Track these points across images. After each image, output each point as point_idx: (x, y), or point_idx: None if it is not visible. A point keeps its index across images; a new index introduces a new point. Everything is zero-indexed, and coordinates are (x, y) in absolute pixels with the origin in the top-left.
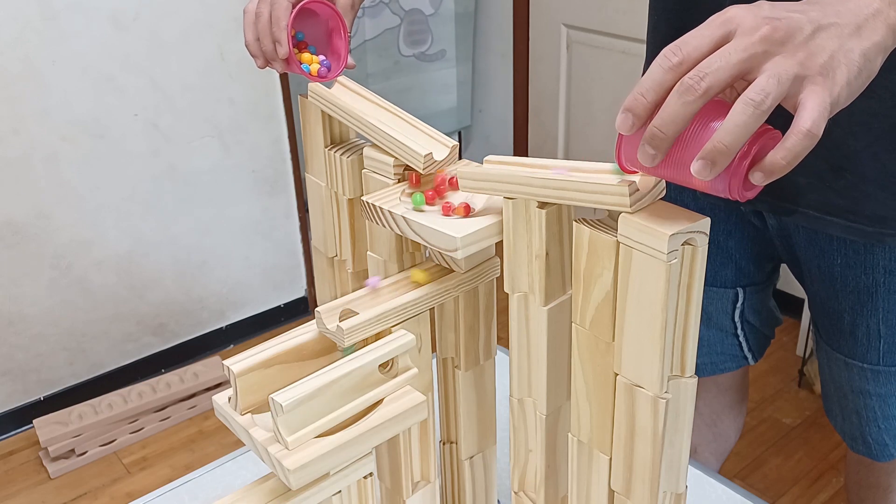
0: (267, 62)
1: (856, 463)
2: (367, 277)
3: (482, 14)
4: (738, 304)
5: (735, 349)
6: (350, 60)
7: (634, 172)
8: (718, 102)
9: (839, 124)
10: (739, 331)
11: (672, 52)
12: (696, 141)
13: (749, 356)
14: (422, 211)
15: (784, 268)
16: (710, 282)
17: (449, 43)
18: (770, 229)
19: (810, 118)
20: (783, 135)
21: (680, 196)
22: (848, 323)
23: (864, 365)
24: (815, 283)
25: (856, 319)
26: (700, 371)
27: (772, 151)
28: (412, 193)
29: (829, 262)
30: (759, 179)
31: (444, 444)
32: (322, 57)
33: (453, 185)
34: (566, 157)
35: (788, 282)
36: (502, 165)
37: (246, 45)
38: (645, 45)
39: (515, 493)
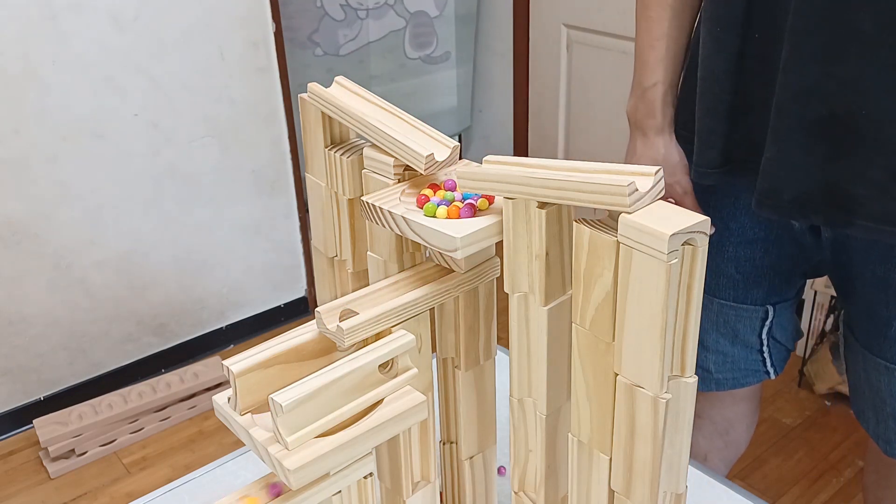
0: None
1: (876, 464)
2: (367, 277)
3: (483, 15)
4: (767, 322)
5: (758, 364)
6: None
7: None
8: None
9: None
10: (765, 347)
11: None
12: None
13: (771, 371)
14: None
15: None
16: (741, 299)
17: (452, 45)
18: (824, 241)
19: None
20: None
21: (735, 208)
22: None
23: None
24: (867, 288)
25: None
26: (721, 385)
27: None
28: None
29: (886, 269)
30: None
31: (444, 444)
32: None
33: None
34: (566, 157)
35: None
36: (502, 165)
37: None
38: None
39: (515, 493)
